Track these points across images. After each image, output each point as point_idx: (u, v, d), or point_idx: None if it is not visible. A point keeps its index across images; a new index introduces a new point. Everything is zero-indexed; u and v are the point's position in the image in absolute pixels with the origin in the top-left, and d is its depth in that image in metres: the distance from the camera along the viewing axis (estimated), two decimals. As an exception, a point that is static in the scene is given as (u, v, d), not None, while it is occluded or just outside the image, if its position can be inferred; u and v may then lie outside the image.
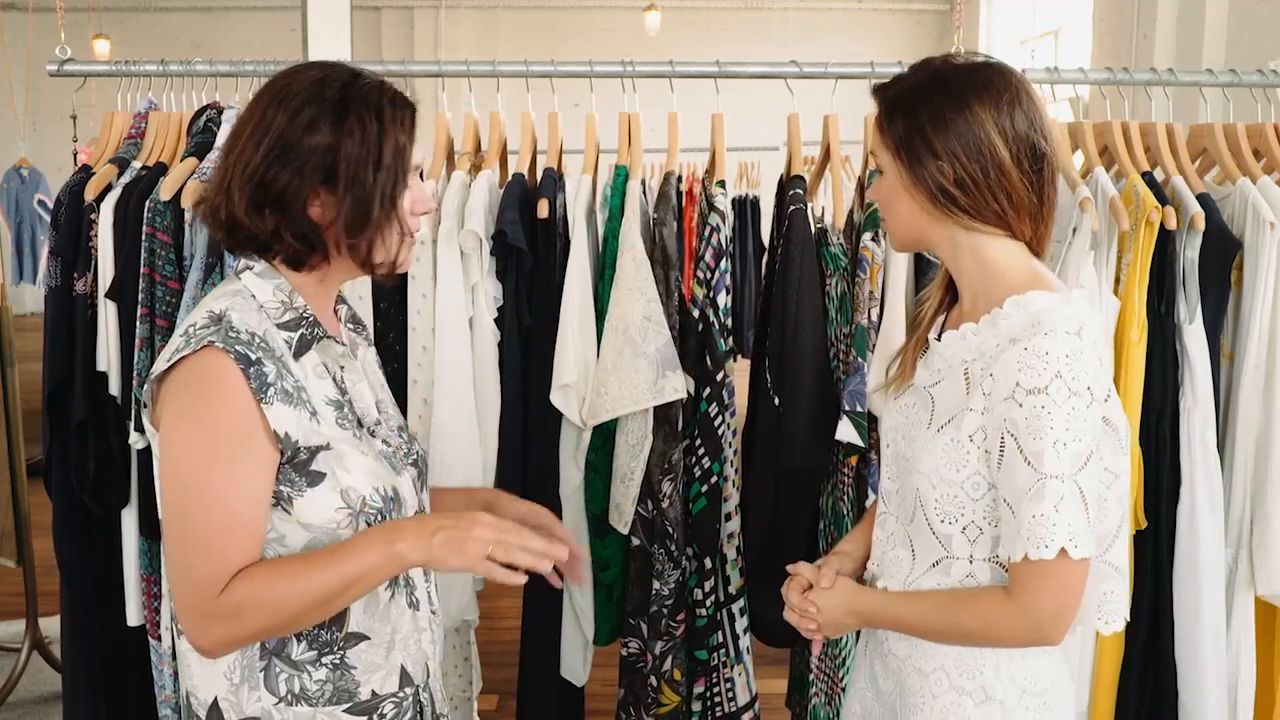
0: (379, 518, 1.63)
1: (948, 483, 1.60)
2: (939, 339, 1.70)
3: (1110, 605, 1.62)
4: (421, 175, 1.74)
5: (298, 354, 1.61)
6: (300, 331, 1.63)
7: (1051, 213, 1.66)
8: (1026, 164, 1.60)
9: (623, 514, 2.46)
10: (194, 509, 1.51)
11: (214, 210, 1.62)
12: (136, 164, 2.58)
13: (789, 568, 1.85)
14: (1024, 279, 1.62)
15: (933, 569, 1.65)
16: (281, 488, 1.57)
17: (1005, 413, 1.52)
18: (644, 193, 2.56)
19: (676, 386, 2.39)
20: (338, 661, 1.62)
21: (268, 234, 1.60)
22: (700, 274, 2.42)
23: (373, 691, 1.65)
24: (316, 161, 1.57)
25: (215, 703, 1.62)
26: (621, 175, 2.52)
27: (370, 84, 1.62)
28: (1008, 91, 1.60)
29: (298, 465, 1.57)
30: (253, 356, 1.53)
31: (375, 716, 1.65)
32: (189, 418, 1.52)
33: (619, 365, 2.35)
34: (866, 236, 2.38)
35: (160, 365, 1.56)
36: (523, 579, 1.62)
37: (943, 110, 1.59)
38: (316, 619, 1.58)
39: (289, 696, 1.60)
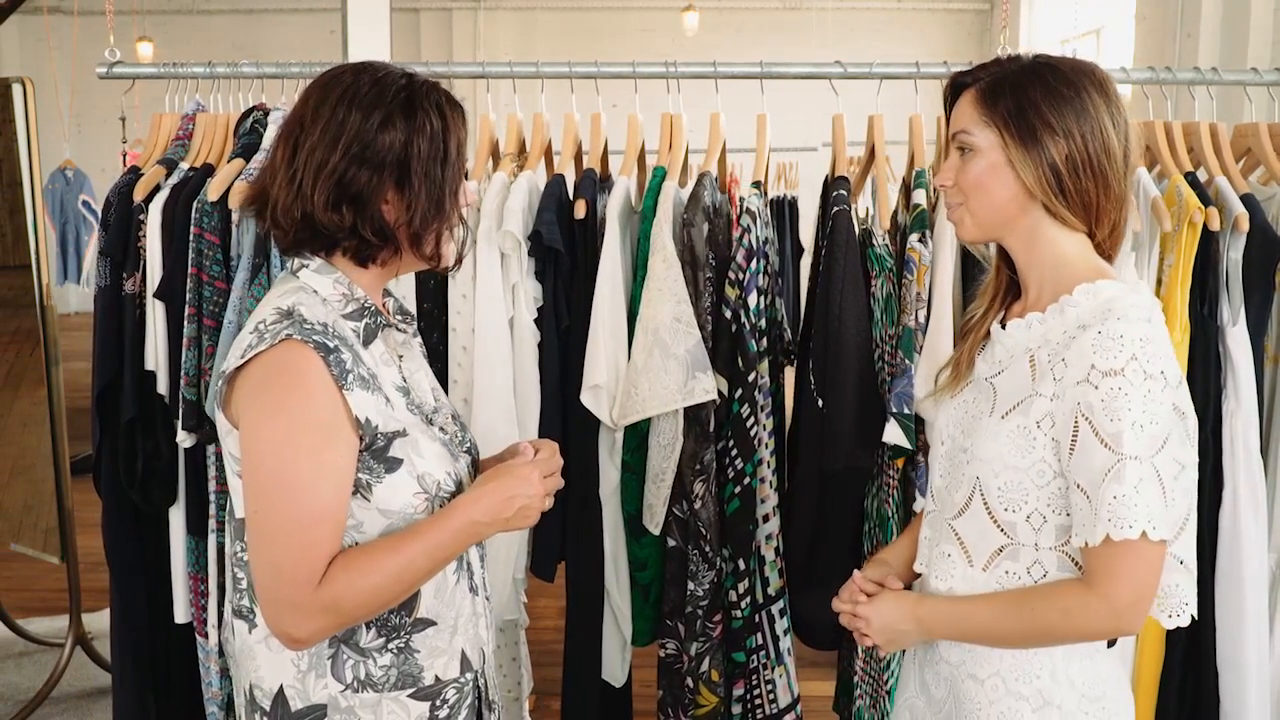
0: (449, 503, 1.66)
1: (1011, 469, 1.60)
2: (1003, 328, 1.70)
3: (1174, 599, 1.60)
4: (466, 174, 1.77)
5: (366, 342, 1.65)
6: (365, 321, 1.66)
7: (1127, 216, 1.68)
8: (1123, 159, 1.63)
9: (654, 514, 2.47)
10: (282, 502, 1.53)
11: (285, 209, 1.64)
12: (184, 165, 2.61)
13: (855, 574, 1.84)
14: (1092, 270, 1.64)
15: (998, 556, 1.64)
16: (361, 475, 1.59)
17: (1079, 396, 1.52)
18: (679, 195, 2.56)
19: (706, 388, 2.38)
20: (402, 646, 1.65)
21: (345, 231, 1.63)
22: (732, 274, 2.42)
23: (436, 677, 1.68)
24: (392, 159, 1.61)
25: (281, 690, 1.64)
26: (658, 176, 2.53)
27: (427, 83, 1.68)
28: (1110, 85, 1.64)
29: (376, 452, 1.59)
30: (330, 345, 1.56)
31: (439, 701, 1.68)
32: (273, 409, 1.54)
33: (649, 366, 2.36)
34: (914, 238, 2.37)
35: (233, 361, 1.58)
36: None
37: (1058, 89, 1.61)
38: (403, 599, 1.62)
39: (355, 683, 1.63)
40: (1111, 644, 1.67)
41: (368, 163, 1.60)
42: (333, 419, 1.55)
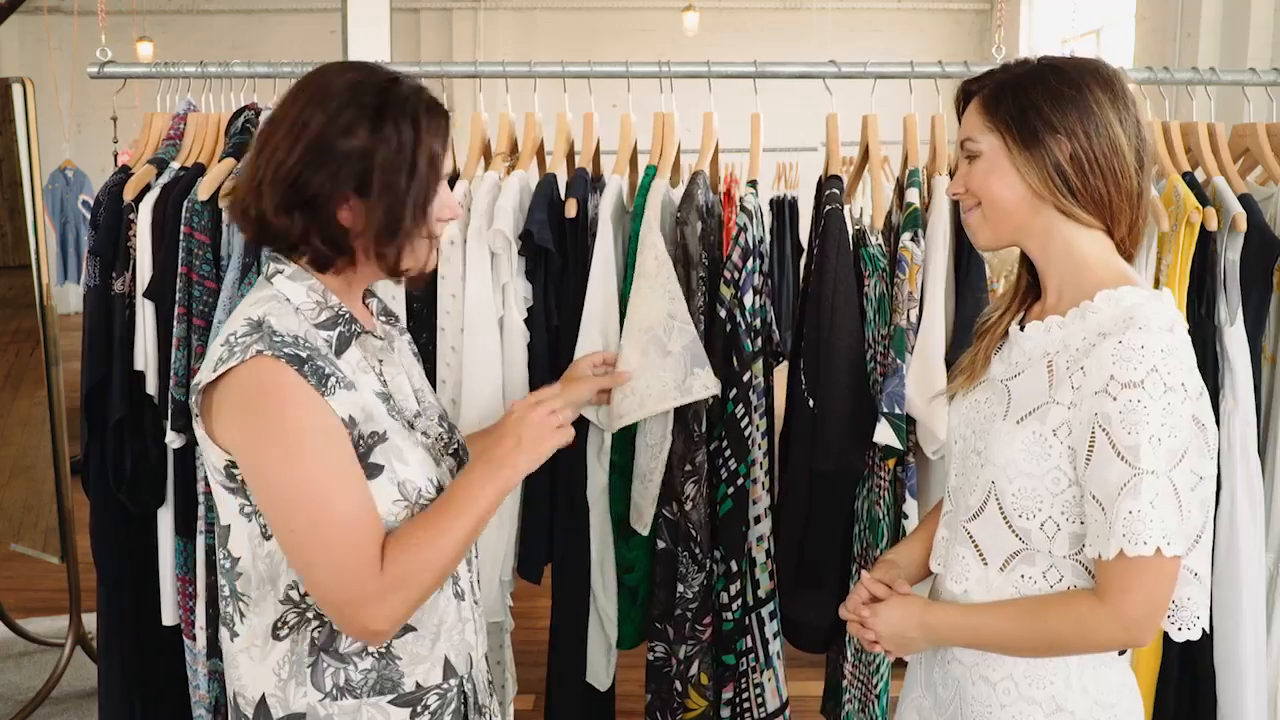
0: None
1: (1026, 475, 1.59)
2: (1022, 329, 1.69)
3: (1186, 612, 1.59)
4: (453, 181, 1.75)
5: (339, 351, 1.62)
6: (339, 330, 1.64)
7: (1146, 213, 1.66)
8: (1134, 154, 1.61)
9: (643, 515, 2.45)
10: (319, 513, 1.51)
11: (243, 208, 1.62)
12: (175, 164, 2.61)
13: (863, 575, 1.83)
14: (1113, 275, 1.62)
15: (1015, 560, 1.63)
16: None
17: (1097, 406, 1.51)
18: (669, 194, 2.54)
19: (706, 384, 2.35)
20: (383, 650, 1.64)
21: (295, 235, 1.60)
22: (728, 274, 2.40)
23: (417, 683, 1.66)
24: (351, 167, 1.56)
25: (263, 699, 1.63)
26: (649, 175, 2.51)
27: (408, 89, 1.62)
28: (1118, 82, 1.63)
29: (358, 458, 1.58)
30: (303, 355, 1.54)
31: (420, 708, 1.67)
32: (267, 431, 1.53)
33: (645, 365, 2.33)
34: (906, 237, 2.36)
35: (205, 375, 1.57)
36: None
37: (1060, 89, 1.60)
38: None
39: (334, 691, 1.62)
40: (1123, 652, 1.66)
41: (323, 168, 1.56)
42: (327, 422, 1.54)
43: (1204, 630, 1.60)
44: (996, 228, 1.68)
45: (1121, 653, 1.66)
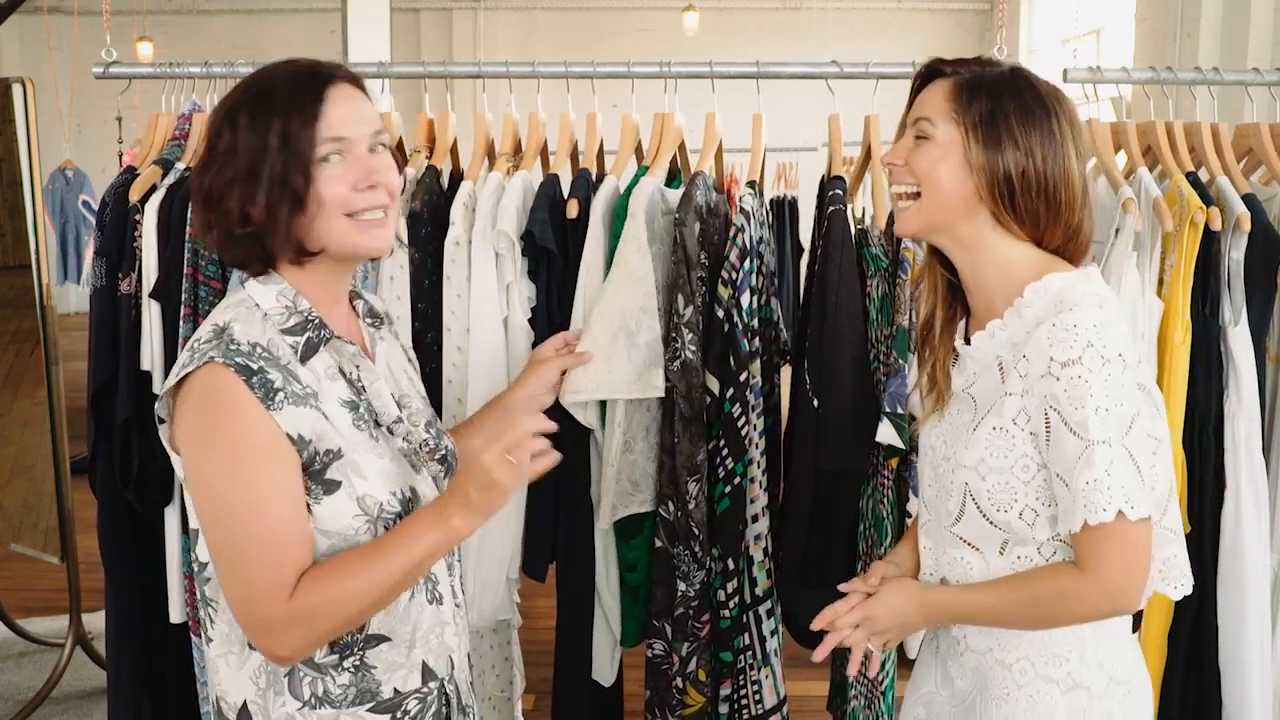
0: (397, 522, 1.63)
1: (997, 470, 1.63)
2: (967, 344, 1.72)
3: (1174, 570, 1.65)
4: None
5: (304, 358, 1.61)
6: (306, 335, 1.62)
7: (1087, 243, 1.69)
8: (1081, 190, 1.65)
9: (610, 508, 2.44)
10: (241, 528, 1.52)
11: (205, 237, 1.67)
12: (180, 165, 2.60)
13: (841, 587, 1.84)
14: (1035, 268, 1.65)
15: (1009, 545, 1.66)
16: None
17: (1044, 389, 1.56)
18: (661, 192, 2.52)
19: (658, 384, 2.35)
20: (358, 663, 1.63)
21: (220, 239, 1.61)
22: (725, 274, 2.40)
23: (395, 690, 1.66)
24: (226, 162, 1.58)
25: (244, 706, 1.63)
26: (639, 174, 2.51)
27: (276, 72, 1.62)
28: (1079, 120, 1.68)
29: (313, 474, 1.57)
30: (254, 366, 1.54)
31: (399, 714, 1.66)
32: (207, 439, 1.53)
33: (612, 350, 2.31)
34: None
35: (170, 380, 1.57)
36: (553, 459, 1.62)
37: (1032, 108, 1.63)
38: (383, 607, 1.61)
39: (313, 700, 1.61)
40: (1136, 628, 1.69)
41: (210, 170, 1.60)
42: (268, 439, 1.53)
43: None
44: (927, 217, 1.70)
45: (1135, 629, 1.69)
